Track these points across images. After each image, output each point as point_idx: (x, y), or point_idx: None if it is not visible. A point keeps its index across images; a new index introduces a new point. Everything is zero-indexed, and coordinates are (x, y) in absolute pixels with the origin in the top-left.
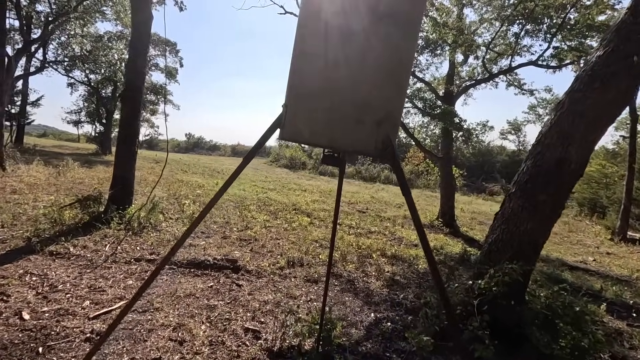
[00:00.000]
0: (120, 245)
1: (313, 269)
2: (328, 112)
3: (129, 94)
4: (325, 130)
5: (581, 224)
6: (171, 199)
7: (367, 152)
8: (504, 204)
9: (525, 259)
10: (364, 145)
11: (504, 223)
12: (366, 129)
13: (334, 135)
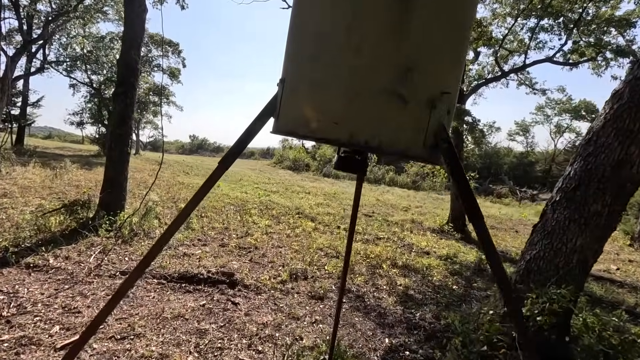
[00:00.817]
0: (107, 256)
1: (318, 283)
2: (349, 88)
3: (121, 90)
4: (344, 117)
5: None
6: (169, 202)
7: (410, 151)
8: (545, 214)
9: (573, 282)
10: (407, 140)
11: (546, 237)
12: (410, 114)
13: (359, 124)
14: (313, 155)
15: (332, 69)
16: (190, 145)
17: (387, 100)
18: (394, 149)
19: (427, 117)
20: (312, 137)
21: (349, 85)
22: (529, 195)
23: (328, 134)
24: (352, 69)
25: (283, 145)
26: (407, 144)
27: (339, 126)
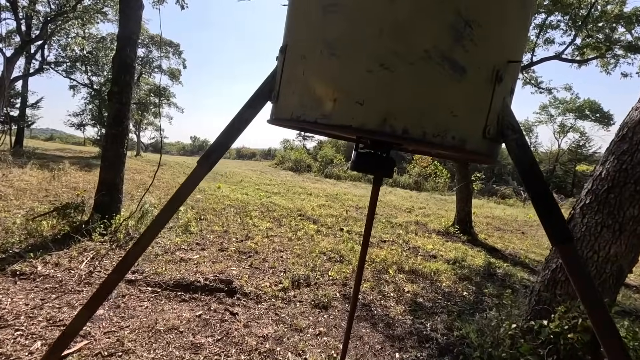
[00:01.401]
0: (100, 262)
1: (322, 290)
2: (380, 52)
3: (116, 89)
4: (373, 95)
5: None
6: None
7: (467, 144)
8: (573, 219)
9: (606, 293)
10: (463, 128)
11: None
12: (467, 90)
13: (394, 104)
14: (314, 156)
15: (356, 24)
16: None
17: (436, 70)
18: (445, 141)
19: (489, 95)
20: (324, 124)
21: (380, 48)
22: None
23: (348, 119)
24: (386, 24)
25: (284, 146)
26: (462, 134)
27: (364, 108)
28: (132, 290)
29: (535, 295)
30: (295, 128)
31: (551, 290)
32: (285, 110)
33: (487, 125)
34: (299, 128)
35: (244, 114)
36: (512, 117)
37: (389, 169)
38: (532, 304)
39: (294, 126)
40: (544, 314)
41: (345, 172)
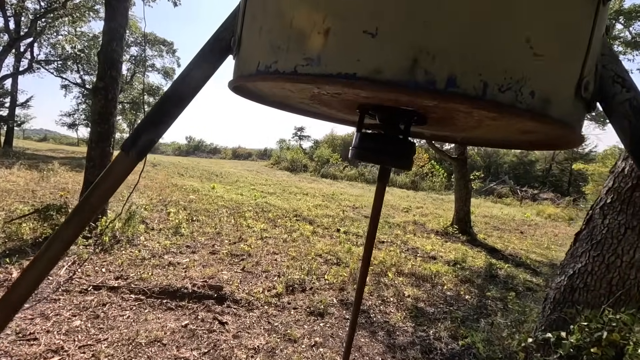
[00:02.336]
0: (82, 267)
1: (317, 295)
2: None
3: (101, 85)
4: (397, 16)
5: None
6: (160, 205)
7: (547, 105)
8: (592, 220)
9: (630, 303)
10: (550, 77)
11: (595, 248)
12: (558, 6)
13: (433, 31)
14: (311, 156)
15: None
16: (187, 147)
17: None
18: (521, 99)
19: (590, 22)
20: (309, 75)
21: None
22: (529, 195)
23: (350, 62)
24: None
25: (280, 146)
26: (547, 88)
27: (378, 41)
28: (114, 297)
29: (550, 304)
30: (266, 99)
31: (568, 298)
32: (249, 61)
33: (582, 76)
34: (271, 99)
35: (189, 74)
36: (619, 65)
37: (407, 157)
38: (546, 313)
39: (264, 91)
40: (561, 324)
41: (342, 172)
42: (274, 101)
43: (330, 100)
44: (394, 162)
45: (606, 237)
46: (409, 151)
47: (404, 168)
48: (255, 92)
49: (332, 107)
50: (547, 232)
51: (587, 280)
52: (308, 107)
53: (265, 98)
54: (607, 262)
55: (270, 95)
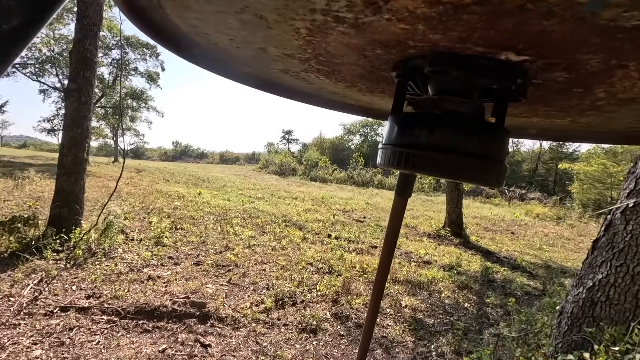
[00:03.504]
0: (50, 285)
1: (309, 309)
2: None
3: (74, 86)
4: None
5: (588, 227)
6: (142, 213)
7: None
8: (612, 226)
9: None
10: None
11: (617, 257)
12: None
13: None
14: (299, 159)
15: None
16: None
17: None
18: None
19: None
20: None
21: None
22: (517, 194)
23: None
24: None
25: (268, 150)
26: None
27: None
28: (83, 320)
29: (567, 319)
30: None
31: (588, 312)
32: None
33: None
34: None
35: None
36: None
37: (500, 162)
38: (563, 329)
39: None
40: (581, 342)
41: (331, 175)
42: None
43: (339, 55)
44: (479, 172)
45: (630, 245)
46: (502, 149)
47: (495, 183)
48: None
49: (338, 76)
50: (538, 232)
51: (610, 293)
52: (296, 83)
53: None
54: (632, 272)
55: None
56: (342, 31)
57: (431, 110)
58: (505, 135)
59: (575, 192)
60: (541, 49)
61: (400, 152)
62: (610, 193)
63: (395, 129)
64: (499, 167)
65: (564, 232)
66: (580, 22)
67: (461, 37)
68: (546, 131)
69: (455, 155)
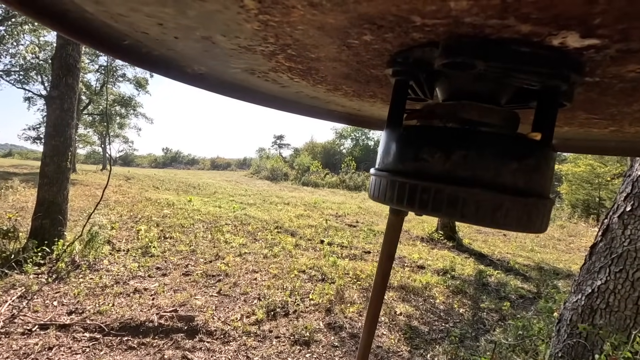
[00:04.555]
0: (30, 301)
1: (302, 320)
2: None
3: (56, 93)
4: None
5: (578, 227)
6: (130, 222)
7: None
8: (610, 230)
9: None
10: None
11: (616, 263)
12: None
13: None
14: (291, 164)
15: None
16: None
17: None
18: None
19: None
20: None
21: None
22: None
23: None
24: None
25: (260, 155)
26: None
27: None
28: (64, 338)
29: (567, 326)
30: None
31: (588, 320)
32: None
33: None
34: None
35: None
36: None
37: (546, 197)
38: (562, 337)
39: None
40: (581, 351)
41: (323, 180)
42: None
43: (312, 46)
44: (519, 214)
45: (629, 251)
46: (550, 179)
47: (540, 227)
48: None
49: (317, 77)
50: (529, 234)
51: (609, 299)
52: (267, 86)
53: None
54: (631, 278)
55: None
56: (309, 2)
57: (445, 123)
58: (553, 158)
59: (564, 193)
60: (631, 24)
61: (401, 183)
62: (598, 193)
63: (394, 149)
64: (546, 204)
65: (554, 233)
66: None
67: (506, 2)
68: (570, 141)
69: (483, 191)
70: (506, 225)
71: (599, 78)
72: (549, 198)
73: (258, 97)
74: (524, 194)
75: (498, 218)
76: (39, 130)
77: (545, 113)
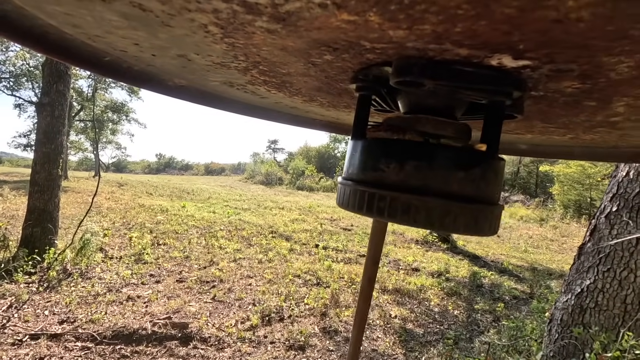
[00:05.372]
0: (20, 311)
1: (297, 324)
2: None
3: (46, 100)
4: None
5: (570, 227)
6: (123, 229)
7: None
8: (597, 230)
9: None
10: None
11: (603, 262)
12: None
13: None
14: (285, 168)
15: None
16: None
17: None
18: None
19: None
20: None
21: None
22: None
23: None
24: None
25: (254, 160)
26: None
27: None
28: (55, 348)
29: (558, 326)
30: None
31: (578, 319)
32: None
33: None
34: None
35: None
36: None
37: (493, 202)
38: (553, 337)
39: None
40: (572, 350)
41: (318, 184)
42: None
43: (280, 63)
44: (467, 220)
45: (616, 250)
46: (497, 186)
47: (488, 231)
48: None
49: (292, 89)
50: (522, 235)
51: (598, 299)
52: (247, 97)
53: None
54: (619, 277)
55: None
56: (266, 28)
57: (402, 135)
58: (500, 167)
59: (556, 194)
60: (552, 49)
61: (362, 191)
62: (590, 194)
63: (357, 160)
64: (493, 211)
65: (547, 234)
66: (625, 3)
67: (436, 32)
68: (539, 147)
69: (433, 199)
70: (455, 229)
71: (543, 92)
72: (496, 204)
73: (239, 107)
74: (471, 200)
75: (447, 223)
76: (29, 137)
77: (491, 126)
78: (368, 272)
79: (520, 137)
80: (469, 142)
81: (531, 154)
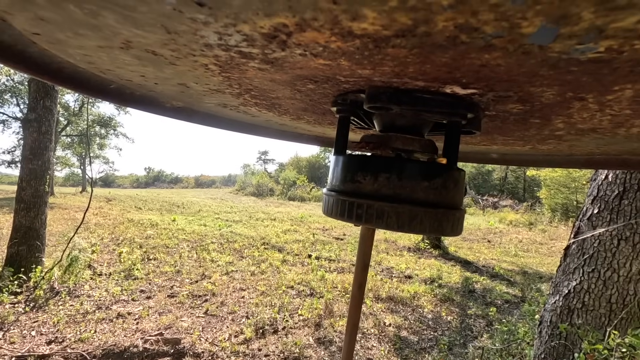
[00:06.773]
0: (6, 333)
1: (291, 336)
2: None
3: (33, 116)
4: None
5: (558, 230)
6: (112, 245)
7: None
8: (580, 232)
9: (632, 320)
10: None
11: (588, 263)
12: None
13: None
14: (276, 179)
15: None
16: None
17: None
18: None
19: None
20: None
21: None
22: (490, 203)
23: None
24: None
25: (245, 171)
26: None
27: None
28: None
29: (547, 328)
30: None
31: (567, 320)
32: None
33: None
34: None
35: None
36: None
37: (456, 207)
38: (544, 339)
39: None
40: (562, 350)
41: (309, 193)
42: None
43: (270, 90)
44: (432, 223)
45: (599, 251)
46: (457, 193)
47: (451, 232)
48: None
49: (281, 110)
50: (512, 239)
51: (585, 299)
52: (240, 116)
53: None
54: (603, 277)
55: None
56: (258, 67)
57: (376, 150)
58: (459, 177)
59: (544, 198)
60: (488, 82)
61: (342, 200)
62: (576, 197)
63: (338, 173)
64: (455, 214)
65: (536, 237)
66: (527, 55)
67: (394, 72)
68: (508, 156)
69: (402, 205)
70: (421, 231)
71: (494, 112)
72: (458, 209)
73: (232, 125)
74: (435, 205)
75: (414, 226)
76: (14, 153)
77: (450, 142)
78: (358, 278)
79: (489, 148)
80: (435, 155)
81: (502, 162)
